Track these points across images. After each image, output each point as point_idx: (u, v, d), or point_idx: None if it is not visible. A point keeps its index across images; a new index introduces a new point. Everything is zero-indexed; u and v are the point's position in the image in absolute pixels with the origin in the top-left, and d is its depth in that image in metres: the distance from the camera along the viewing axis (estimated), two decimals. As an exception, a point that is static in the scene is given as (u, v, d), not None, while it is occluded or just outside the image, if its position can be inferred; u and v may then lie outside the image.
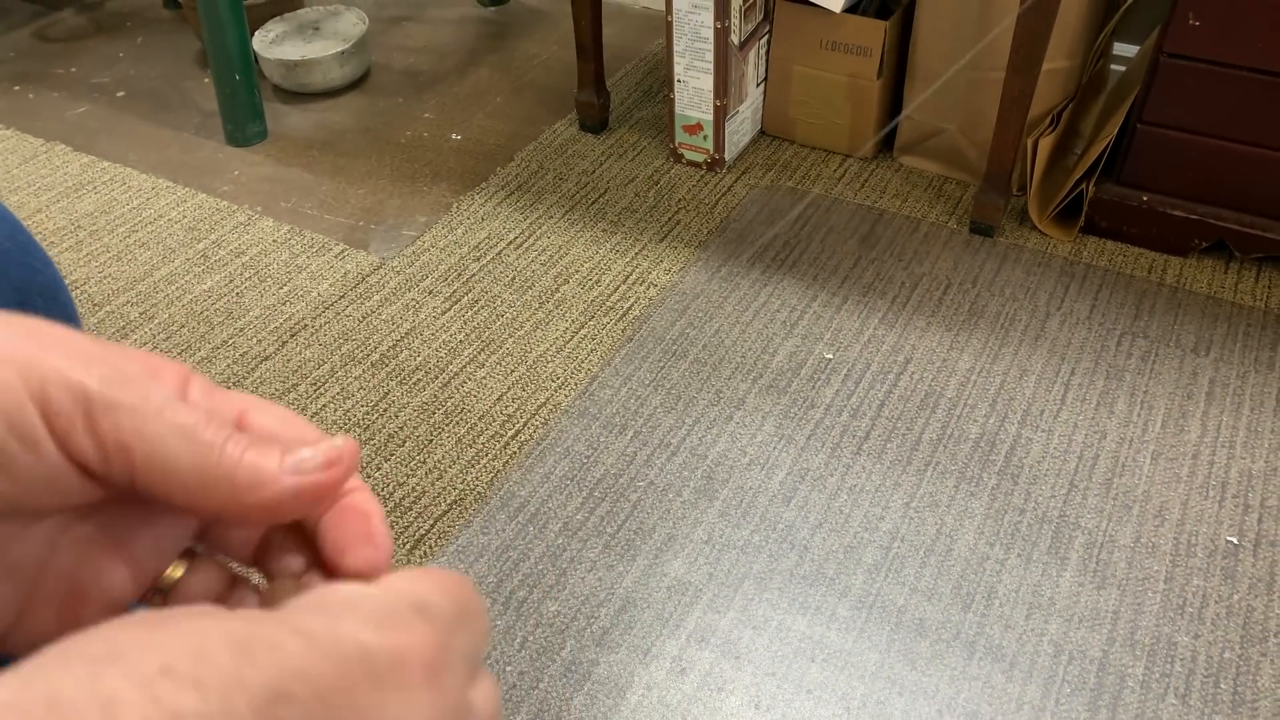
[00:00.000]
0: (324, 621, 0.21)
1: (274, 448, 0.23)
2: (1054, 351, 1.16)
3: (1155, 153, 1.22)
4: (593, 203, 1.41)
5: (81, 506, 0.24)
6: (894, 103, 1.45)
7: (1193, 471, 1.02)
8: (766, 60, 1.45)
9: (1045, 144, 1.28)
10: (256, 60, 1.58)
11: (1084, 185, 1.28)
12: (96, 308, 1.26)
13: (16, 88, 1.71)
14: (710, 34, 1.33)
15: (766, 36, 1.42)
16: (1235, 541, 0.96)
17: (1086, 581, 0.93)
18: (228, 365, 1.18)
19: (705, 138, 1.42)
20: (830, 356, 1.16)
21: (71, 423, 0.22)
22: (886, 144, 1.48)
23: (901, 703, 0.85)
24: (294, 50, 1.66)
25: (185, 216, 1.41)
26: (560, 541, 0.98)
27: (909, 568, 0.95)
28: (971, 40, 1.29)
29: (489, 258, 1.33)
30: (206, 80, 1.71)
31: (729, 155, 1.44)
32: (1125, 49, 1.51)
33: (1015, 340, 1.17)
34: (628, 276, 1.29)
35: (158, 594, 0.26)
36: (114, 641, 0.19)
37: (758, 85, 1.46)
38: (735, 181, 1.43)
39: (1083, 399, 1.10)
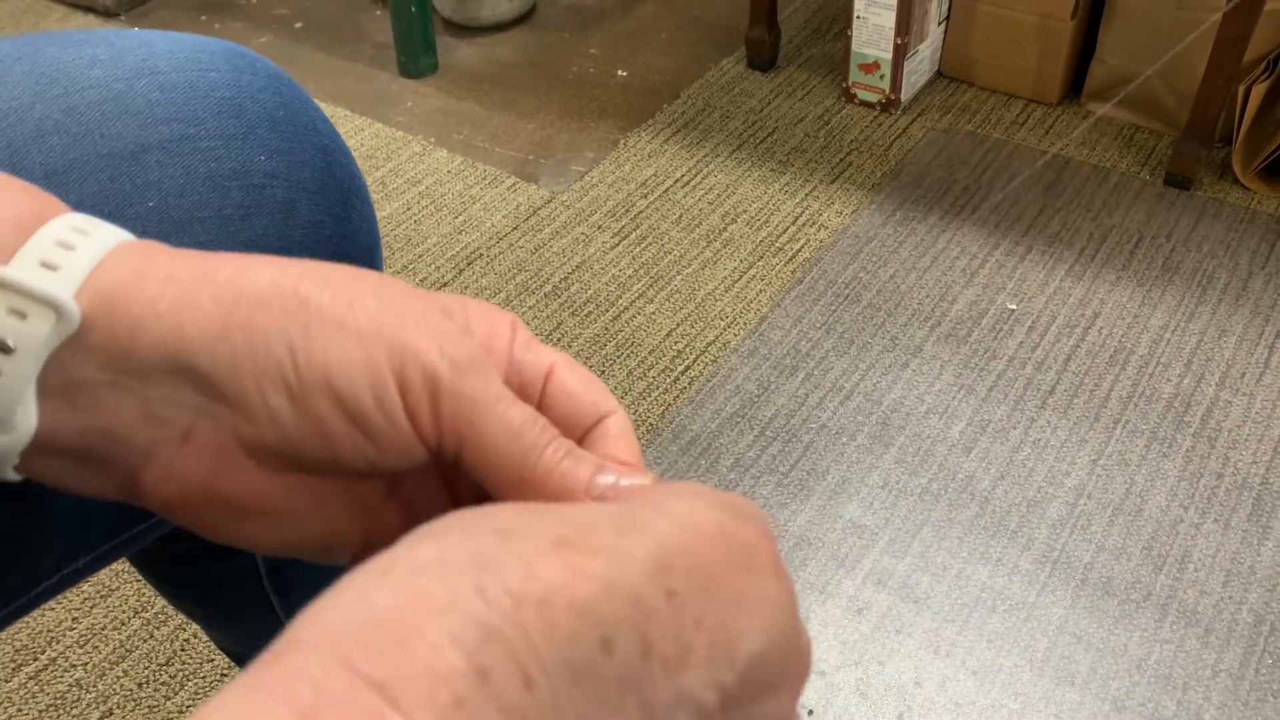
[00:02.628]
0: (686, 506, 0.22)
1: (587, 463, 0.25)
2: (1257, 312, 1.09)
3: (1386, 103, 1.13)
4: (760, 142, 1.39)
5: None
6: (1087, 46, 1.37)
7: None
8: (950, -2, 1.39)
9: (1258, 92, 1.19)
10: (430, -7, 1.60)
11: (1299, 137, 1.19)
12: (285, 229, 1.31)
13: (203, 17, 1.79)
14: (896, -31, 1.28)
15: (952, -28, 1.37)
16: None
17: (1291, 553, 0.89)
18: (409, 289, 1.22)
19: (882, 77, 1.38)
20: (1013, 307, 1.12)
21: (421, 403, 0.24)
22: (1073, 90, 1.41)
23: (1088, 659, 0.83)
24: (464, -16, 1.68)
25: (363, 145, 1.45)
26: (732, 477, 0.99)
27: (1096, 525, 0.92)
28: (1183, -23, 1.21)
29: (656, 195, 1.33)
30: (379, 13, 1.75)
31: (905, 96, 1.40)
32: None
33: (1214, 299, 1.11)
34: (797, 218, 1.27)
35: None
36: (505, 519, 0.20)
37: (939, 24, 1.40)
38: (910, 124, 1.39)
39: (1289, 364, 1.04)
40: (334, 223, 0.38)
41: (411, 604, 0.18)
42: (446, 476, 0.28)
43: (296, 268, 0.25)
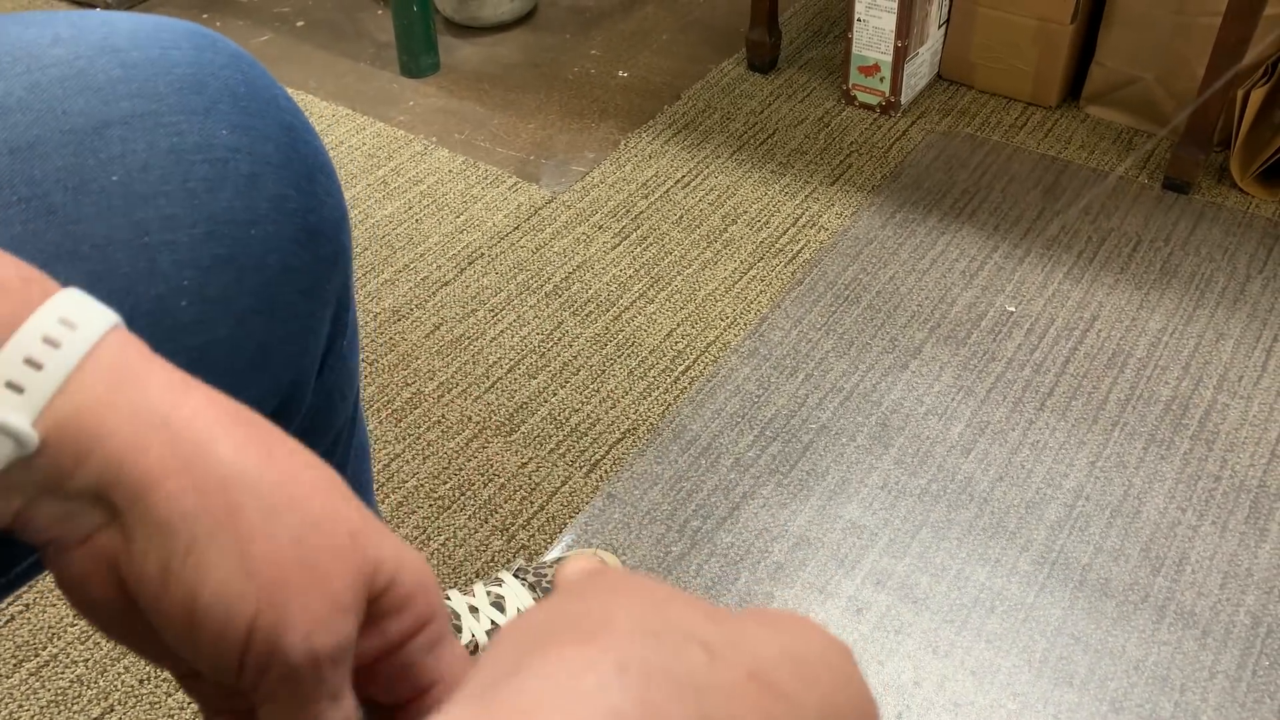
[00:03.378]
0: (836, 665, 0.22)
1: None
2: (1255, 316, 1.10)
3: (1384, 108, 1.13)
4: (761, 143, 1.39)
5: None
6: (1086, 49, 1.38)
7: None
8: (950, 1, 1.39)
9: (1257, 97, 1.20)
10: (432, -7, 1.60)
11: (1297, 141, 1.20)
12: (286, 228, 1.32)
13: (205, 15, 1.79)
14: (897, -29, 1.28)
15: (953, -24, 1.37)
16: None
17: (1287, 555, 0.89)
18: (410, 288, 1.22)
19: (882, 80, 1.38)
20: (1012, 309, 1.12)
21: (254, 662, 0.26)
22: (1072, 93, 1.41)
23: (1086, 660, 0.83)
24: (465, -16, 1.69)
25: (365, 144, 1.45)
26: (732, 476, 0.99)
27: (1094, 527, 0.92)
28: (1182, -18, 1.22)
29: (657, 195, 1.33)
30: (380, 12, 1.75)
31: (905, 99, 1.41)
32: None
33: (1212, 302, 1.12)
34: (797, 219, 1.28)
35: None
36: (699, 632, 0.20)
37: (939, 27, 1.41)
38: (910, 126, 1.39)
39: (1286, 367, 1.04)
40: (299, 196, 0.39)
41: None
42: None
43: (260, 464, 0.26)
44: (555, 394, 1.09)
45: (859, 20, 1.36)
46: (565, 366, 1.12)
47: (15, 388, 0.24)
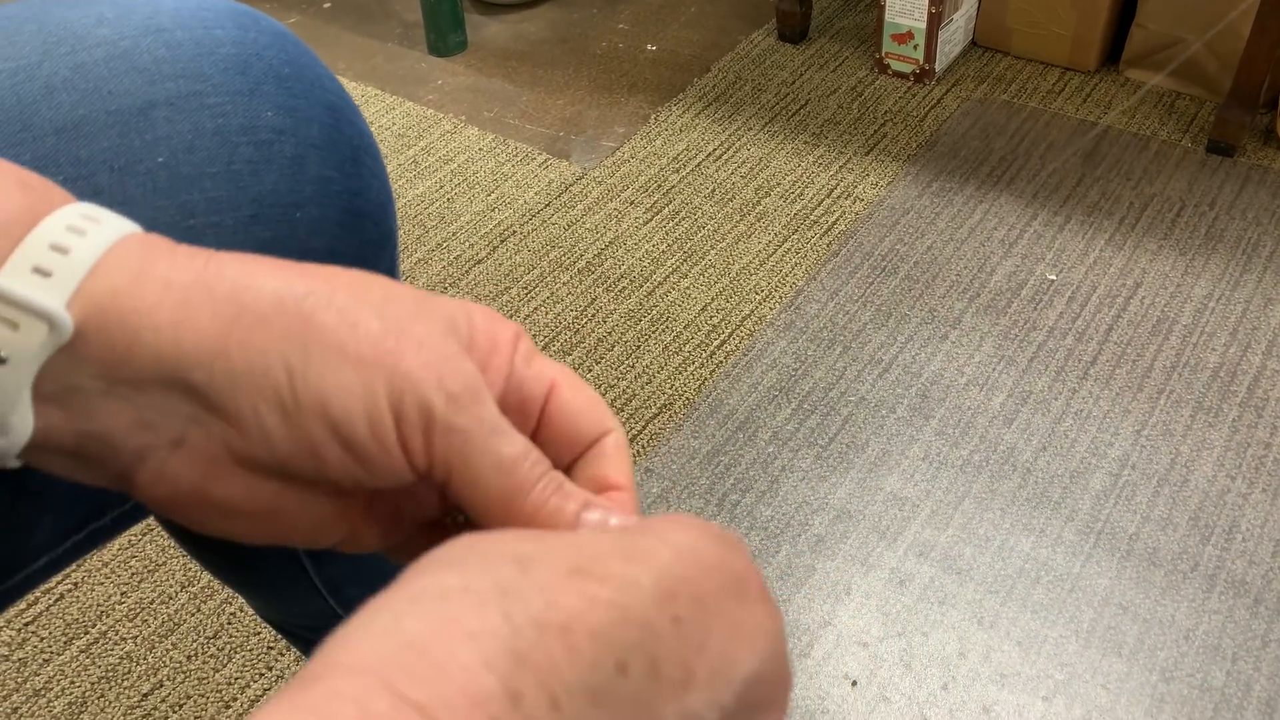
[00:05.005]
0: (686, 536, 0.22)
1: (574, 500, 0.25)
2: (1304, 280, 1.07)
3: None
4: (793, 115, 1.38)
5: None
6: (1126, 11, 1.35)
7: None
8: (985, -35, 1.37)
9: (1305, 54, 1.17)
10: (458, -30, 1.59)
11: (1347, 100, 1.16)
12: (318, 209, 1.32)
13: None
14: (931, -65, 1.26)
15: (987, -61, 1.34)
16: None
17: (1341, 522, 0.87)
18: (443, 267, 1.22)
19: (915, 47, 1.36)
20: (1053, 277, 1.11)
21: (414, 436, 0.24)
22: (1111, 57, 1.38)
23: (1135, 629, 0.82)
24: (491, -39, 1.68)
25: (395, 124, 1.45)
26: (771, 450, 0.99)
27: (1141, 496, 0.91)
28: (1227, -62, 1.19)
29: (689, 169, 1.32)
30: (406, -8, 1.75)
31: (939, 66, 1.38)
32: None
33: (1259, 267, 1.09)
34: (832, 190, 1.26)
35: (460, 514, 0.29)
36: (521, 548, 0.21)
37: (974, -8, 1.38)
38: (945, 94, 1.37)
39: (1338, 332, 1.02)
40: (344, 179, 0.38)
41: (445, 629, 0.19)
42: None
43: (303, 281, 0.25)
44: (590, 370, 1.09)
45: (892, -13, 1.33)
46: (600, 343, 1.11)
47: (42, 272, 0.23)
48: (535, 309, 1.16)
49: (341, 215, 0.39)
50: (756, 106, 1.40)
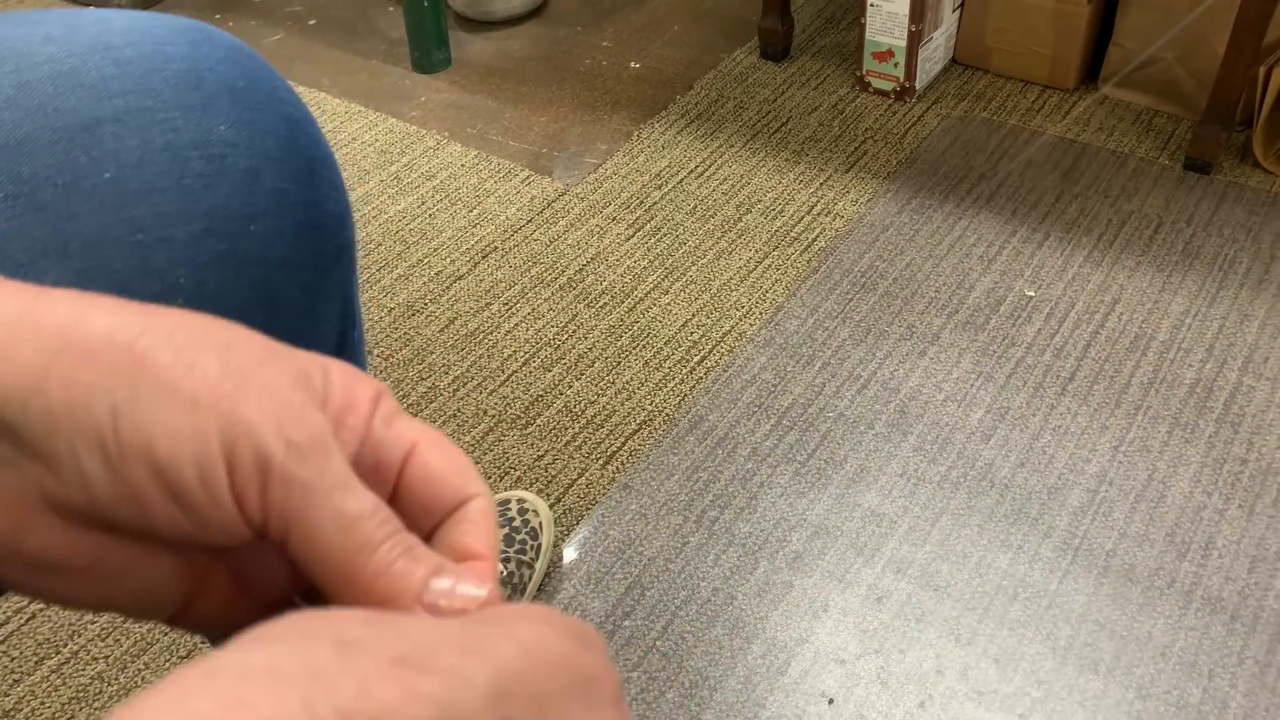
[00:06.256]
0: (533, 631, 0.21)
1: (424, 564, 0.23)
2: (1280, 297, 1.08)
3: None
4: (774, 132, 1.38)
5: None
6: (1103, 30, 1.36)
7: None
8: (964, -16, 1.38)
9: (1279, 75, 1.18)
10: (442, -12, 1.60)
11: (1321, 119, 1.17)
12: (300, 225, 1.32)
13: (217, 15, 1.79)
14: (910, -45, 1.27)
15: (967, -42, 1.36)
16: None
17: (1317, 538, 0.87)
18: (424, 283, 1.22)
19: (896, 65, 1.37)
20: (1031, 294, 1.11)
21: (249, 485, 0.22)
22: (1090, 75, 1.39)
23: (1112, 646, 0.82)
24: (476, -22, 1.68)
25: (378, 140, 1.45)
26: (750, 466, 0.98)
27: (1118, 512, 0.91)
28: (1201, -41, 1.20)
29: (670, 186, 1.32)
30: (391, 9, 1.75)
31: (920, 84, 1.39)
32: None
33: (1235, 283, 1.10)
34: (812, 207, 1.26)
35: (313, 591, 0.27)
36: (348, 629, 0.20)
37: (954, 10, 1.39)
38: (925, 111, 1.38)
39: (1313, 348, 1.02)
40: (299, 190, 0.38)
41: (232, 712, 0.17)
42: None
43: (141, 318, 0.23)
44: (570, 386, 1.08)
45: (872, 5, 1.34)
46: (580, 359, 1.11)
47: None
48: (516, 325, 1.16)
49: (297, 227, 0.39)
50: (738, 124, 1.41)
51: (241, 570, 0.26)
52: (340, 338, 0.45)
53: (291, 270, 0.39)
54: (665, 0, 1.70)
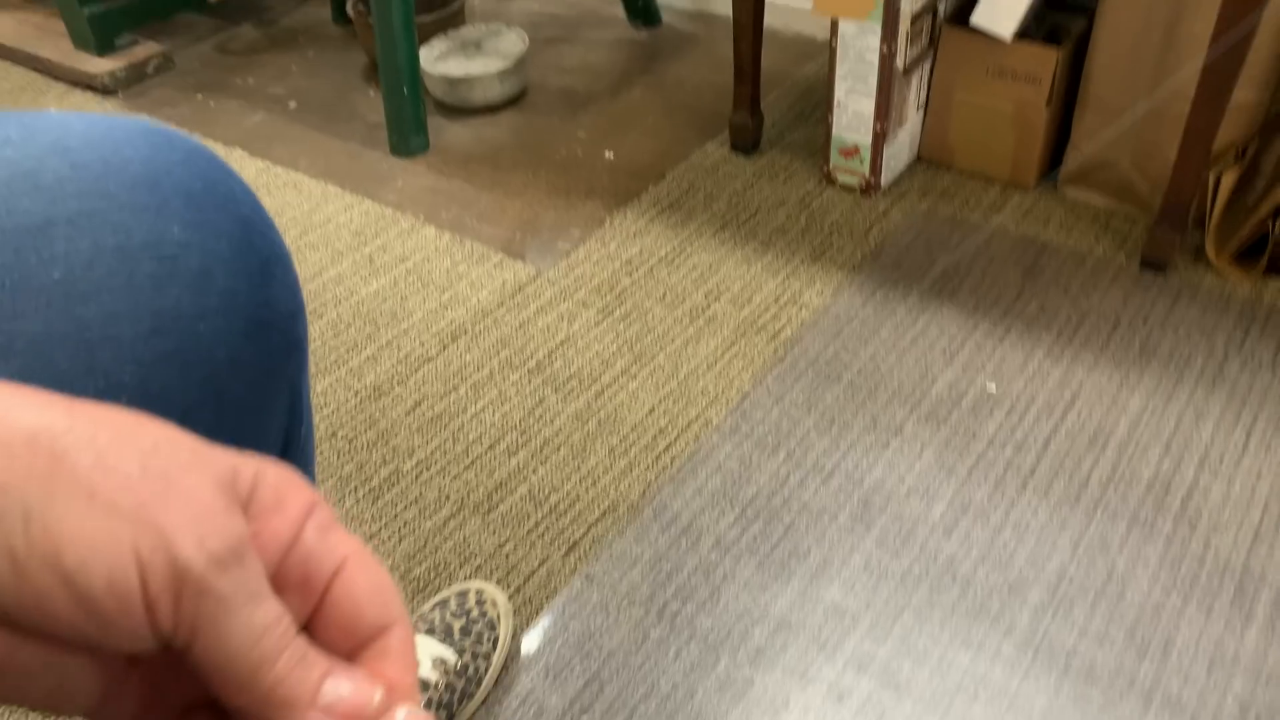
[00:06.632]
0: None
1: (318, 667, 0.24)
2: (1234, 396, 1.10)
3: (1352, 192, 1.15)
4: (744, 222, 1.41)
5: None
6: (1062, 132, 1.41)
7: (1394, 531, 0.95)
8: (929, 86, 1.43)
9: (1229, 179, 1.22)
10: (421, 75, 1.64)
11: (1269, 224, 1.22)
12: (271, 304, 1.32)
13: (199, 96, 1.82)
14: (875, 58, 1.32)
15: (930, 62, 1.41)
16: None
17: (1274, 640, 0.88)
18: (392, 365, 1.22)
19: (862, 161, 1.41)
20: (993, 388, 1.13)
21: (161, 597, 0.22)
22: (1050, 175, 1.44)
23: (1073, 750, 0.81)
24: (457, 67, 1.73)
25: (353, 221, 1.47)
26: (713, 557, 0.98)
27: (1078, 610, 0.91)
28: (1151, 68, 1.25)
29: (641, 272, 1.34)
30: (372, 94, 1.79)
31: (885, 180, 1.43)
32: (1313, 83, 1.43)
33: (1191, 382, 1.12)
34: (779, 297, 1.28)
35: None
36: None
37: (918, 110, 1.44)
38: (890, 207, 1.41)
39: (1267, 447, 1.04)
40: (251, 290, 0.39)
41: None
42: None
43: (65, 417, 0.23)
44: (535, 472, 1.08)
45: (839, 104, 1.39)
46: (546, 444, 1.11)
47: None
48: (483, 408, 1.16)
49: (247, 325, 0.39)
50: (709, 214, 1.43)
51: (157, 672, 0.25)
52: (287, 434, 0.45)
53: (239, 369, 0.39)
54: (640, 93, 1.75)
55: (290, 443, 0.45)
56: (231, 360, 0.39)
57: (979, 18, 1.32)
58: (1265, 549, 0.95)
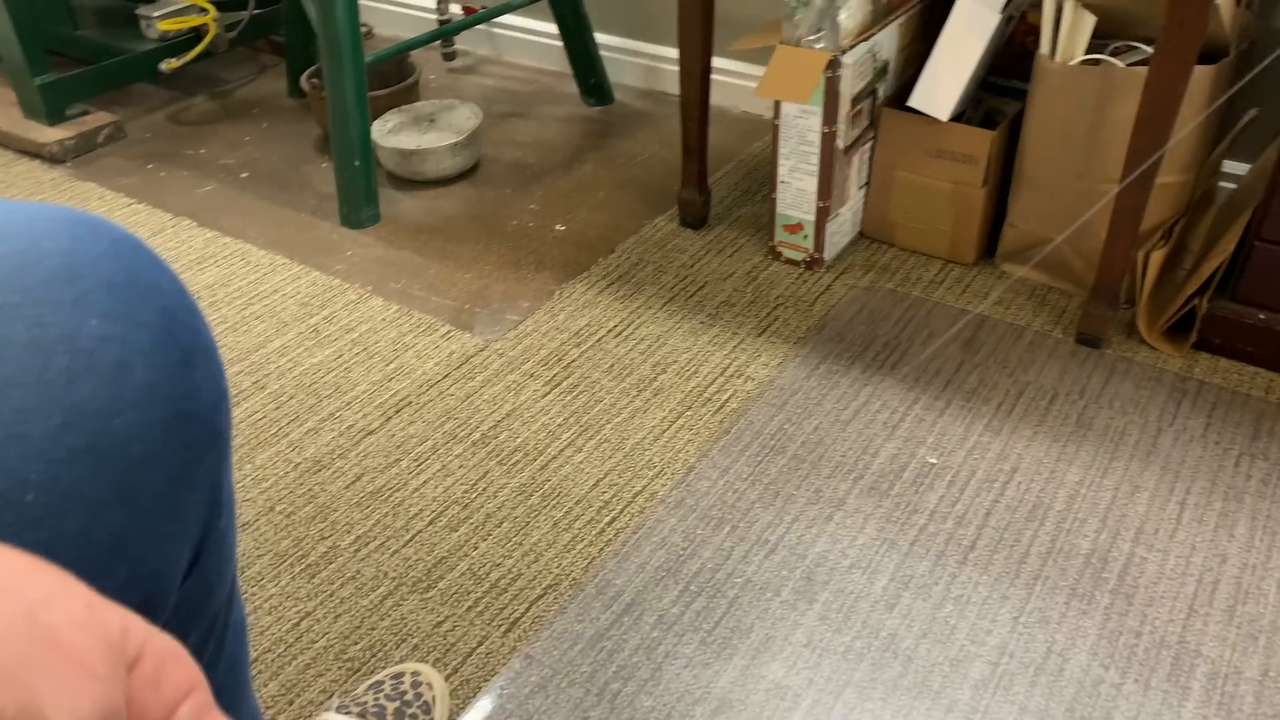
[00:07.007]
0: None
1: None
2: (1167, 469, 1.12)
3: (1273, 270, 1.20)
4: (691, 295, 1.43)
5: None
6: (998, 210, 1.45)
7: (1323, 603, 0.97)
8: (870, 164, 1.47)
9: (1157, 258, 1.27)
10: (373, 148, 1.65)
11: (1196, 301, 1.26)
12: (212, 375, 1.30)
13: (150, 165, 1.82)
14: (817, 138, 1.36)
15: (871, 142, 1.45)
16: (1374, 682, 0.90)
17: (1211, 714, 0.88)
18: (333, 437, 1.21)
19: (805, 237, 1.44)
20: (934, 461, 1.14)
21: None
22: (988, 251, 1.48)
23: (1014, 831, 0.80)
24: (410, 140, 1.75)
25: (299, 292, 1.46)
26: (655, 635, 0.97)
27: (1019, 686, 0.91)
28: (1082, 150, 1.30)
29: (589, 344, 1.35)
30: (324, 165, 1.80)
31: (828, 255, 1.46)
32: (1236, 167, 1.50)
33: (1126, 455, 1.14)
34: (725, 369, 1.29)
35: None
36: None
37: (860, 188, 1.48)
38: (834, 281, 1.44)
39: (1200, 520, 1.06)
40: (170, 382, 0.39)
41: None
42: None
43: None
44: (476, 547, 1.07)
45: (783, 182, 1.42)
46: (489, 518, 1.10)
47: None
48: (425, 482, 1.14)
49: (166, 419, 0.39)
50: (657, 286, 1.45)
51: None
52: (205, 526, 0.44)
53: (156, 463, 0.39)
54: (592, 169, 1.78)
55: (208, 535, 0.44)
56: (148, 455, 0.38)
57: (917, 99, 1.36)
58: (1200, 623, 0.96)
